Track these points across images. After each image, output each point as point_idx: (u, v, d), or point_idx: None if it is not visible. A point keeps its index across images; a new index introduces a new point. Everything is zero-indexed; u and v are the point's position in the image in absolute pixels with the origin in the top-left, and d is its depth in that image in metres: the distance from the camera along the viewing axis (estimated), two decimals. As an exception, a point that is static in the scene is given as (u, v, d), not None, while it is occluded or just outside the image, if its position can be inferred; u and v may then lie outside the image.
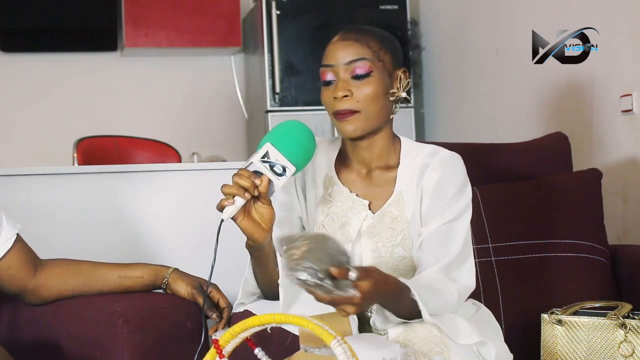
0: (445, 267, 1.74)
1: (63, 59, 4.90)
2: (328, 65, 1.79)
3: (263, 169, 1.65)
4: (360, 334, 1.70)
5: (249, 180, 1.63)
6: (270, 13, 4.46)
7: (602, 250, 2.35)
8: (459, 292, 1.73)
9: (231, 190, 1.63)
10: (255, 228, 1.68)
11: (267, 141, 1.67)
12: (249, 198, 1.64)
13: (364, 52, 1.77)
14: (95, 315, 1.82)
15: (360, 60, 1.77)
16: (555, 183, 2.41)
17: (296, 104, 4.47)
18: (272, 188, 1.67)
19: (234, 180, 1.64)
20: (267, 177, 1.65)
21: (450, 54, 4.29)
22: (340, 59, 1.78)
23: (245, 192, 1.63)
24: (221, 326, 1.84)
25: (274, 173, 1.65)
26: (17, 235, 1.85)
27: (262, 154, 1.65)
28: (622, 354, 1.96)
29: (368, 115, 1.78)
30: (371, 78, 1.77)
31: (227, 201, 1.63)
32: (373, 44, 1.78)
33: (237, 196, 1.63)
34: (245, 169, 1.65)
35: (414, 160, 1.84)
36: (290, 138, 1.68)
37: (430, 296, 1.64)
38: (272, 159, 1.65)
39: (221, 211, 1.64)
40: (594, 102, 3.16)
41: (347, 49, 1.78)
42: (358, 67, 1.77)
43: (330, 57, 1.79)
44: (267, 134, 1.69)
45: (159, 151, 4.07)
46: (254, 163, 1.65)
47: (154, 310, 1.84)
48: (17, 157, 4.71)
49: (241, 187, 1.63)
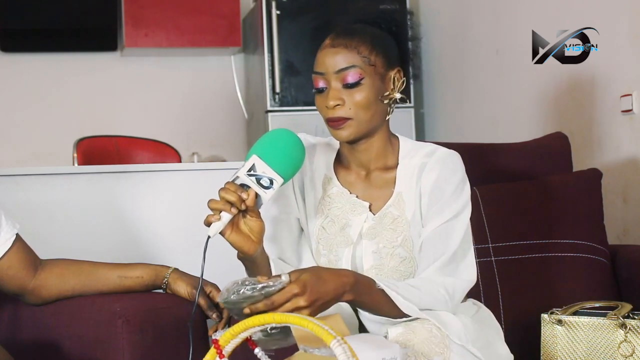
0: (442, 264, 1.73)
1: (63, 59, 4.90)
2: (319, 73, 1.78)
3: (250, 183, 1.62)
4: (360, 334, 1.70)
5: (235, 194, 1.60)
6: (270, 13, 4.46)
7: (602, 250, 2.35)
8: (455, 286, 1.73)
9: (217, 205, 1.61)
10: (245, 241, 1.66)
11: (253, 153, 1.64)
12: (235, 213, 1.61)
13: (353, 59, 1.75)
14: (95, 315, 1.82)
15: (350, 68, 1.75)
16: (555, 183, 2.41)
17: (296, 104, 4.47)
18: (260, 201, 1.64)
19: (220, 195, 1.61)
20: (253, 190, 1.63)
21: (450, 53, 4.29)
22: (330, 66, 1.76)
23: (231, 207, 1.61)
24: (221, 326, 1.84)
25: (260, 186, 1.62)
26: (17, 235, 1.85)
27: (249, 167, 1.62)
28: (622, 354, 1.96)
29: (361, 122, 1.77)
30: (362, 85, 1.75)
31: (213, 217, 1.61)
32: (363, 49, 1.76)
33: (224, 211, 1.62)
34: (232, 183, 1.62)
35: (413, 159, 1.83)
36: (278, 149, 1.65)
37: (410, 290, 1.65)
38: (258, 172, 1.62)
39: (208, 227, 1.62)
40: (594, 102, 3.16)
41: (336, 56, 1.76)
42: (348, 76, 1.75)
43: (320, 65, 1.78)
44: (254, 145, 1.66)
45: (159, 151, 4.07)
46: (240, 177, 1.62)
47: (154, 310, 1.83)
48: (17, 157, 4.71)
49: (228, 201, 1.61)
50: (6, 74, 4.82)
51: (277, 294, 1.47)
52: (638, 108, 2.94)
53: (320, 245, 1.84)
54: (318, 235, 1.84)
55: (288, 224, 1.87)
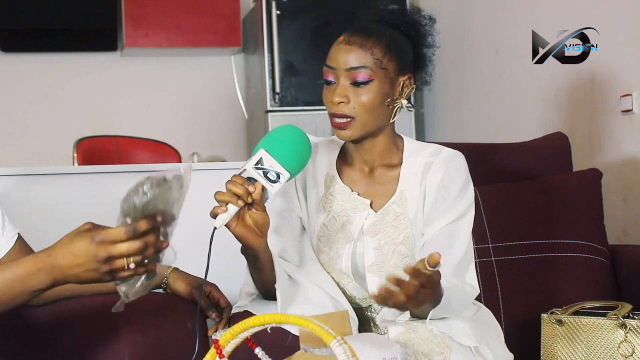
0: (455, 268, 1.74)
1: (63, 59, 4.90)
2: (330, 66, 1.79)
3: (256, 176, 1.63)
4: (360, 334, 1.70)
5: (242, 187, 1.62)
6: (270, 13, 4.45)
7: (602, 250, 2.35)
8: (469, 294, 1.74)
9: (224, 197, 1.62)
10: (250, 234, 1.67)
11: (261, 147, 1.65)
12: (242, 205, 1.62)
13: (365, 59, 1.76)
14: (95, 315, 1.82)
15: (361, 68, 1.75)
16: (555, 183, 2.41)
17: (296, 104, 4.47)
18: (266, 195, 1.65)
19: (227, 187, 1.63)
20: (260, 184, 1.64)
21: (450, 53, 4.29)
22: (342, 63, 1.77)
23: (238, 200, 1.62)
24: (221, 326, 1.84)
25: (267, 180, 1.64)
26: (18, 234, 1.85)
27: (256, 160, 1.64)
28: (622, 354, 1.96)
29: (363, 122, 1.77)
30: (370, 86, 1.76)
31: (220, 209, 1.62)
32: (377, 50, 1.76)
33: (230, 203, 1.62)
34: (239, 176, 1.64)
35: (417, 159, 1.84)
36: (285, 144, 1.67)
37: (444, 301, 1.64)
38: (265, 166, 1.64)
39: (214, 218, 1.63)
40: (594, 102, 3.16)
41: (349, 54, 1.76)
42: (358, 75, 1.76)
43: (333, 59, 1.79)
44: (262, 140, 1.68)
45: (159, 151, 4.07)
46: (247, 170, 1.64)
47: (154, 310, 1.83)
48: (17, 157, 4.71)
49: (234, 194, 1.62)
50: (6, 74, 4.82)
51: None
52: (638, 108, 2.94)
53: (321, 243, 1.84)
54: (319, 233, 1.85)
55: (290, 222, 1.87)
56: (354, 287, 1.85)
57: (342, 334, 1.24)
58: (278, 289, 1.71)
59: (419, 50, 1.85)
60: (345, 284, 1.85)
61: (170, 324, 1.83)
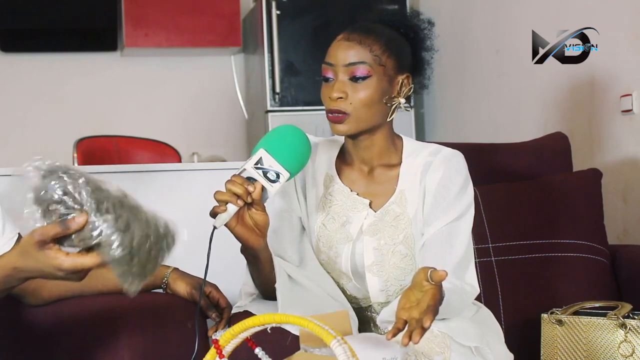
0: (454, 268, 1.73)
1: (63, 59, 4.90)
2: (329, 63, 1.79)
3: (256, 176, 1.63)
4: (360, 334, 1.70)
5: (242, 187, 1.62)
6: (270, 13, 4.45)
7: (602, 250, 2.35)
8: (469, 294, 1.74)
9: (224, 197, 1.62)
10: (249, 234, 1.67)
11: (260, 147, 1.65)
12: (241, 205, 1.63)
13: (364, 55, 1.76)
14: (95, 315, 1.82)
15: (359, 63, 1.76)
16: (555, 183, 2.41)
17: (296, 104, 4.47)
18: (265, 194, 1.65)
19: (226, 187, 1.63)
20: (260, 183, 1.64)
21: (450, 53, 4.29)
22: (340, 59, 1.77)
23: (238, 199, 1.62)
24: (221, 326, 1.84)
25: (267, 179, 1.64)
26: (19, 235, 1.85)
27: (256, 160, 1.64)
28: (622, 354, 1.96)
29: (359, 119, 1.77)
30: (368, 82, 1.76)
31: (219, 208, 1.62)
32: (376, 47, 1.77)
33: (230, 203, 1.62)
34: (239, 176, 1.64)
35: (417, 158, 1.84)
36: (285, 143, 1.67)
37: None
38: (265, 166, 1.64)
39: (214, 218, 1.63)
40: (594, 102, 3.16)
41: (348, 50, 1.77)
42: (357, 70, 1.76)
43: (332, 56, 1.79)
44: (261, 140, 1.68)
45: (159, 151, 4.07)
46: (247, 170, 1.64)
47: (154, 310, 1.83)
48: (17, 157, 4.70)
49: (234, 194, 1.62)
50: (6, 74, 4.82)
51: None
52: (638, 108, 2.94)
53: (320, 243, 1.84)
54: (318, 233, 1.85)
55: (290, 222, 1.87)
56: (354, 287, 1.85)
57: (342, 334, 1.24)
58: (278, 289, 1.71)
59: (418, 53, 1.86)
60: (345, 283, 1.85)
61: (170, 324, 1.83)
